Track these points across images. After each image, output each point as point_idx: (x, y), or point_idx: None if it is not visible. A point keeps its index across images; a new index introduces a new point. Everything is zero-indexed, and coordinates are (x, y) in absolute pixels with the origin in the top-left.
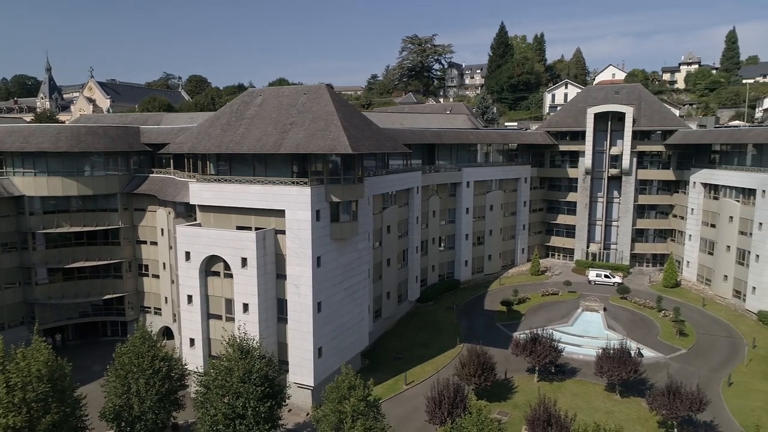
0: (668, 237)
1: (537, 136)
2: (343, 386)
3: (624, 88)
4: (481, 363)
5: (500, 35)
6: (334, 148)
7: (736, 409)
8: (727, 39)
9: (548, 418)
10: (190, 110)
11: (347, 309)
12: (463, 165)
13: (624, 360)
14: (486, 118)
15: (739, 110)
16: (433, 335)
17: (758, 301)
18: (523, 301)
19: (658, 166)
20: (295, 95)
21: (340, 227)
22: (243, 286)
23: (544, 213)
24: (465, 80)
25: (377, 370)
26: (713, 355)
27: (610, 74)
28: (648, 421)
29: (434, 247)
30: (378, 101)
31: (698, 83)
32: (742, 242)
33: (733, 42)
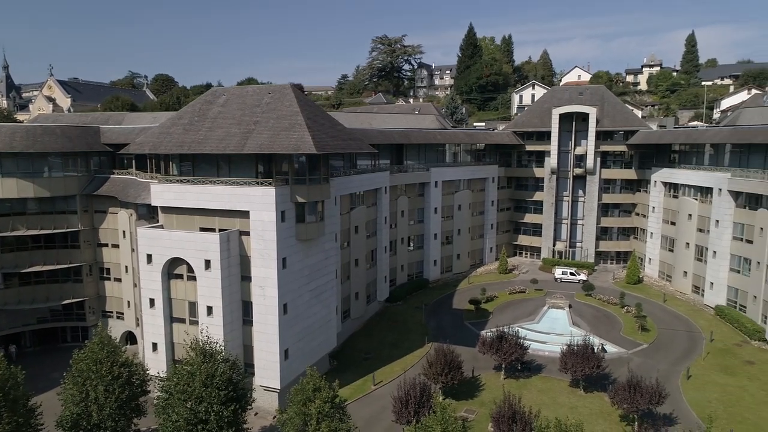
0: (631, 235)
1: (504, 136)
2: (307, 388)
3: (588, 90)
4: (448, 362)
5: (469, 36)
6: (298, 148)
7: (693, 401)
8: (687, 42)
9: (513, 414)
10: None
11: (314, 310)
12: (432, 165)
13: (587, 356)
14: (455, 118)
15: (698, 111)
16: (402, 335)
17: (715, 296)
18: (491, 299)
19: (621, 165)
20: (259, 95)
21: (305, 228)
22: (207, 289)
23: (512, 212)
24: (435, 81)
25: (346, 370)
26: (673, 349)
27: (576, 76)
28: (610, 415)
29: (403, 247)
30: (348, 101)
31: (660, 85)
32: (700, 239)
33: (693, 45)
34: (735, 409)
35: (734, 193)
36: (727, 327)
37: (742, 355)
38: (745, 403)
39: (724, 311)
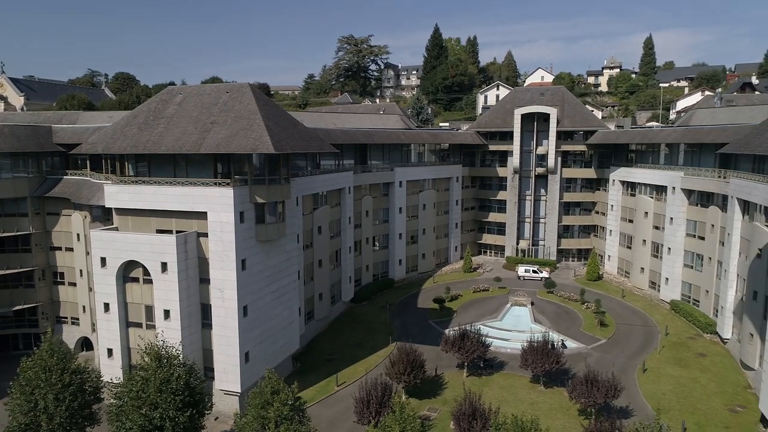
0: (592, 232)
1: (467, 136)
2: (266, 391)
3: (549, 90)
4: (411, 361)
5: (434, 37)
6: (256, 147)
7: (648, 394)
8: (644, 45)
9: (473, 412)
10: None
11: (276, 312)
12: (396, 165)
13: (547, 352)
14: (421, 118)
15: (656, 112)
16: (367, 335)
17: (670, 291)
18: (456, 298)
19: (581, 165)
20: (216, 94)
21: (265, 229)
22: (163, 292)
23: (476, 211)
24: (401, 81)
25: (309, 372)
26: (630, 344)
27: (540, 77)
28: (569, 409)
29: (368, 247)
30: (315, 101)
31: (619, 86)
32: (656, 236)
33: (650, 48)
34: (687, 400)
35: (687, 191)
36: (681, 321)
37: (695, 348)
38: (697, 394)
39: (678, 306)
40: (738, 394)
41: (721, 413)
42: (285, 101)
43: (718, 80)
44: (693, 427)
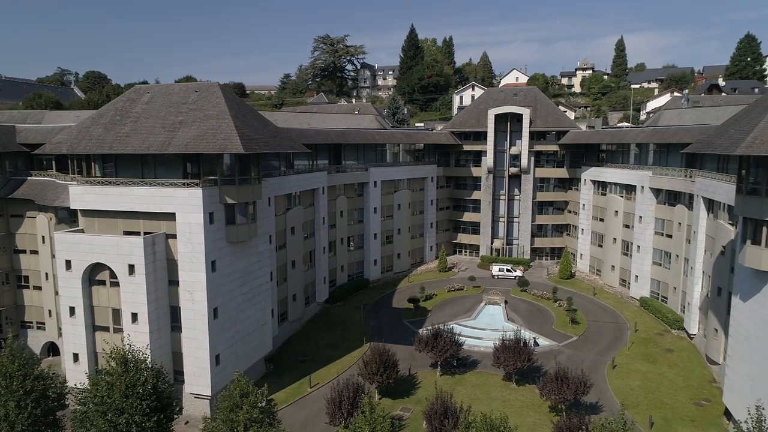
0: (564, 231)
1: (441, 136)
2: (235, 394)
3: (522, 91)
4: (383, 361)
5: (410, 38)
6: (225, 147)
7: (617, 389)
8: (616, 47)
9: (444, 411)
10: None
11: (248, 314)
12: (371, 165)
13: (519, 350)
14: (396, 118)
15: (627, 113)
16: (341, 336)
17: (640, 289)
18: (430, 297)
19: (553, 164)
20: (185, 93)
21: (236, 230)
22: (131, 295)
23: (451, 211)
24: (378, 81)
25: (282, 374)
26: (601, 341)
27: (514, 78)
28: (541, 406)
29: (343, 248)
30: (291, 101)
31: (592, 87)
32: (626, 234)
33: (622, 50)
34: (655, 394)
35: (655, 190)
36: (650, 317)
37: (663, 344)
38: (664, 389)
39: (647, 302)
40: (703, 388)
41: (687, 407)
42: (261, 101)
43: (687, 82)
44: (660, 421)
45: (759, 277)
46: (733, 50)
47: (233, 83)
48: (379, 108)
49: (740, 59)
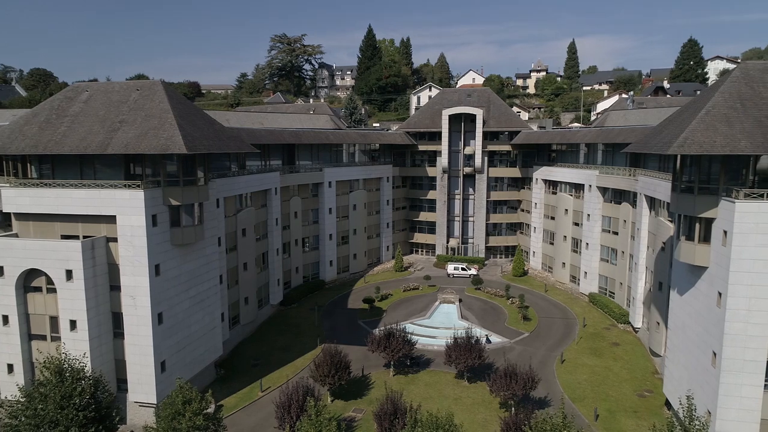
0: (518, 230)
1: (396, 136)
2: (177, 401)
3: (475, 92)
4: (335, 363)
5: (368, 38)
6: (167, 147)
7: (566, 384)
8: (568, 50)
9: (394, 411)
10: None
11: (196, 318)
12: (326, 165)
13: (470, 348)
14: (354, 118)
15: (579, 113)
16: (295, 338)
17: (589, 285)
18: (386, 297)
19: (507, 164)
20: (126, 91)
21: (181, 232)
22: (69, 302)
23: (408, 211)
24: (336, 81)
25: (233, 379)
26: (551, 336)
27: (471, 79)
28: (491, 403)
29: (297, 249)
30: (247, 101)
31: (546, 89)
32: (576, 232)
33: (573, 53)
34: (600, 387)
35: (602, 188)
36: (598, 312)
37: (610, 338)
38: (610, 382)
39: (596, 298)
40: (647, 380)
41: (630, 398)
42: (216, 100)
43: (635, 84)
44: (605, 413)
45: (693, 272)
46: (677, 54)
47: (188, 82)
48: (337, 108)
49: (684, 63)
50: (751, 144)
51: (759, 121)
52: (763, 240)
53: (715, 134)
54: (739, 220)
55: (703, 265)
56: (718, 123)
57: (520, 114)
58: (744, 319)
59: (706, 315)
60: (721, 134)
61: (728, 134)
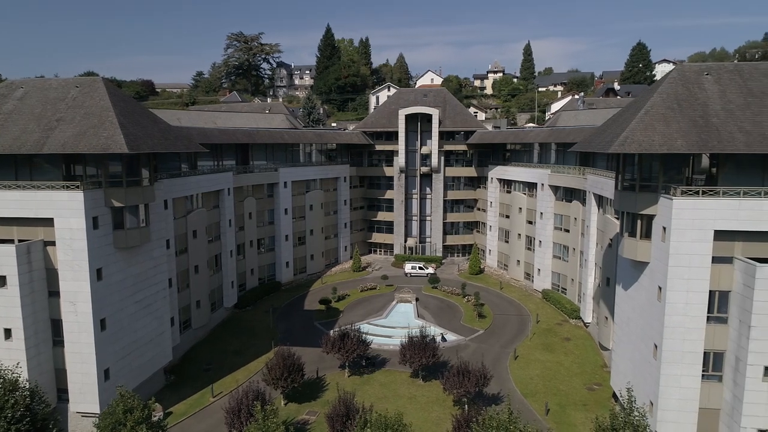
0: (474, 228)
1: (353, 136)
2: (117, 410)
3: (432, 92)
4: (288, 365)
5: (327, 37)
6: (107, 147)
7: (518, 379)
8: (524, 52)
9: (347, 412)
10: None
11: (142, 323)
12: (281, 165)
13: (424, 347)
14: (312, 118)
15: (534, 114)
16: (249, 341)
17: (542, 281)
18: (343, 298)
19: (463, 164)
20: (64, 88)
21: (125, 235)
22: (3, 309)
23: (365, 211)
24: (295, 81)
25: (184, 384)
26: (505, 333)
27: (429, 79)
28: (445, 401)
29: (252, 250)
30: (203, 100)
31: (502, 89)
32: (529, 230)
33: (529, 54)
34: (552, 382)
35: (554, 187)
36: (551, 308)
37: (562, 333)
38: (561, 376)
39: (549, 294)
40: (596, 373)
41: (580, 392)
42: (171, 99)
43: (587, 85)
44: (555, 407)
45: (636, 267)
46: (627, 57)
47: (141, 80)
48: (296, 108)
49: (633, 65)
50: (687, 143)
51: (694, 121)
52: (699, 235)
53: (654, 133)
54: (676, 217)
55: (644, 261)
56: (657, 123)
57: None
58: (682, 312)
59: (648, 309)
60: (659, 133)
61: (666, 133)
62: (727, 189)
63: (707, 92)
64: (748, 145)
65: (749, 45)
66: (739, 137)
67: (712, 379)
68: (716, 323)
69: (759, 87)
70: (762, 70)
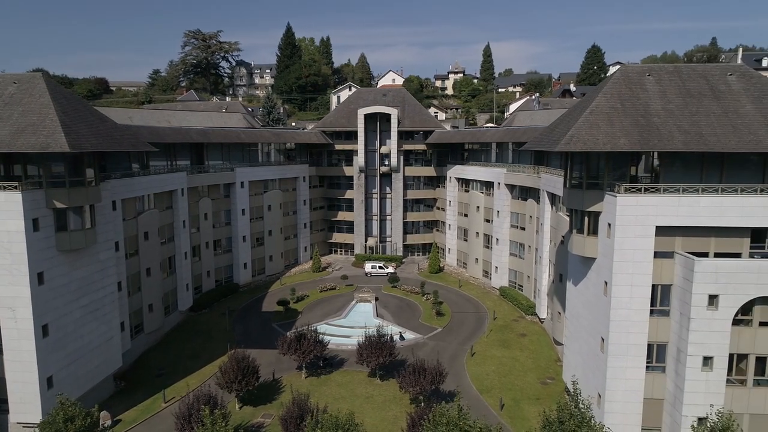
0: (434, 227)
1: (312, 135)
2: (58, 419)
3: (391, 92)
4: (242, 368)
5: (287, 36)
6: (47, 146)
7: (474, 376)
8: (483, 53)
9: (301, 414)
10: None
11: (89, 329)
12: (238, 165)
13: (380, 346)
14: (272, 117)
15: (493, 114)
16: (204, 345)
17: (500, 279)
18: (302, 298)
19: (422, 163)
20: (2, 85)
21: (69, 237)
22: None
23: (326, 211)
24: (255, 80)
25: (135, 391)
26: (463, 330)
27: (391, 79)
28: (402, 399)
29: (209, 252)
30: (160, 98)
31: (462, 90)
32: (487, 228)
33: (489, 56)
34: (507, 378)
35: (510, 186)
36: (508, 305)
37: (518, 329)
38: (516, 372)
39: (506, 291)
40: (550, 368)
41: (534, 387)
42: (126, 98)
43: (544, 86)
44: (510, 402)
45: (584, 263)
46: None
47: (95, 78)
48: (256, 107)
49: (588, 67)
50: (629, 141)
51: (636, 120)
52: (641, 231)
53: (598, 132)
54: (620, 213)
55: (592, 257)
56: (601, 122)
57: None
58: (627, 305)
59: (596, 303)
60: (603, 132)
61: (609, 132)
62: (668, 186)
63: (649, 92)
64: (685, 144)
65: (697, 49)
66: (677, 136)
67: (656, 370)
68: (659, 316)
69: (696, 88)
70: (699, 72)
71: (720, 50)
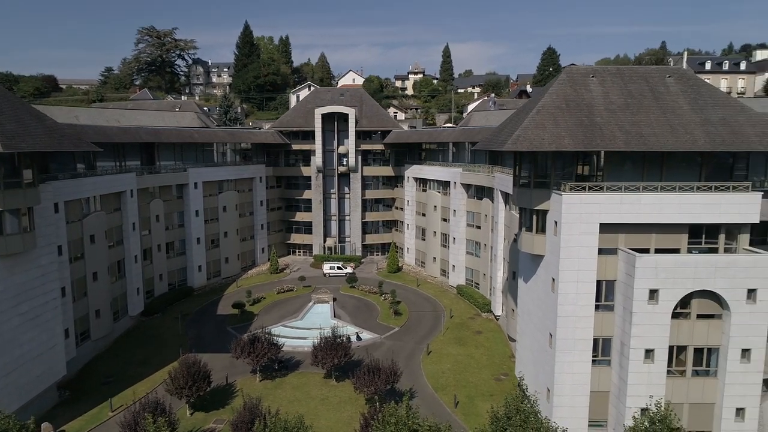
0: (393, 227)
1: (268, 135)
2: None
3: (348, 92)
4: (192, 373)
5: (245, 35)
6: None
7: (430, 374)
8: (443, 54)
9: (252, 419)
10: None
11: (29, 337)
12: (191, 165)
13: (336, 347)
14: (229, 117)
15: (452, 114)
16: (155, 350)
17: (457, 277)
18: (258, 301)
19: (380, 163)
20: None
21: (5, 241)
22: None
23: (283, 211)
24: (212, 78)
25: (80, 400)
26: (420, 329)
27: (351, 79)
28: (358, 400)
29: (161, 254)
30: (113, 97)
31: (422, 90)
32: (444, 227)
33: (448, 56)
34: (462, 375)
35: (465, 185)
36: (465, 303)
37: (474, 327)
38: (471, 369)
39: (463, 290)
40: (504, 364)
41: (488, 383)
42: (77, 96)
43: (502, 88)
44: (464, 399)
45: (534, 261)
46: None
47: (42, 75)
48: (213, 106)
49: (544, 69)
50: (573, 141)
51: (580, 121)
52: (586, 228)
53: (544, 132)
54: (566, 211)
55: (540, 254)
56: (547, 122)
57: (397, 114)
58: (573, 301)
59: (545, 299)
60: (549, 132)
61: (554, 132)
62: (611, 185)
63: (593, 93)
64: (627, 143)
65: (647, 52)
66: (619, 136)
67: (601, 364)
68: (604, 311)
69: (637, 89)
70: (640, 73)
71: (668, 53)
